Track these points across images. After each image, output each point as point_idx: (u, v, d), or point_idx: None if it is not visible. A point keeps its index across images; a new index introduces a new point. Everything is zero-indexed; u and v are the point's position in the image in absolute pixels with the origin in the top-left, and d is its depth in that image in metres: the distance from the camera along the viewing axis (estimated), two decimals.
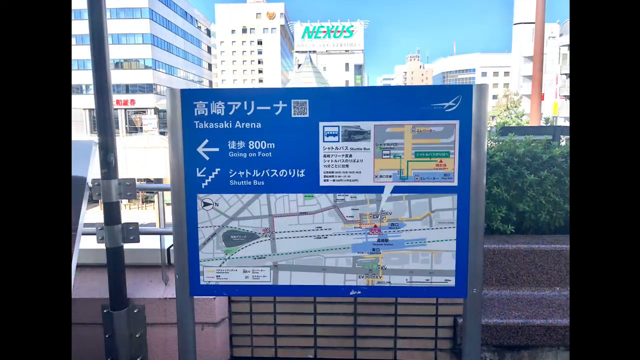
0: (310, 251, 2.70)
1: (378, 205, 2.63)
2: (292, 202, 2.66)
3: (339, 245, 2.68)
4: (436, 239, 2.63)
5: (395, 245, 2.65)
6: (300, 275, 2.73)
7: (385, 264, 2.67)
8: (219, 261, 2.73)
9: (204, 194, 2.67)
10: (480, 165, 2.55)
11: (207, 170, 2.65)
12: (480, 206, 2.58)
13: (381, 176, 2.60)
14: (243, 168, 2.63)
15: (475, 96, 2.52)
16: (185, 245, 2.71)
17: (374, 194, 2.62)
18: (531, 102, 19.97)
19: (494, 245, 4.17)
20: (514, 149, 4.57)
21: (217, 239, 2.71)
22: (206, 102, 2.60)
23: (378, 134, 2.56)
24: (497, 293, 4.16)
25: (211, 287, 2.76)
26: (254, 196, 2.66)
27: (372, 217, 2.64)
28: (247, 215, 2.69)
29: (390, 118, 2.55)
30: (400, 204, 2.62)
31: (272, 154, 2.62)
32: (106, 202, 3.36)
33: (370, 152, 2.58)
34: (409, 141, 2.56)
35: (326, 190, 2.63)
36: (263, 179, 2.64)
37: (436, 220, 2.62)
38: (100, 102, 3.25)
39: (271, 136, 2.60)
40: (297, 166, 2.62)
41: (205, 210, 2.69)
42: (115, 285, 3.51)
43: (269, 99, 2.59)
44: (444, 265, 2.65)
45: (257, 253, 2.72)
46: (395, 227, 2.64)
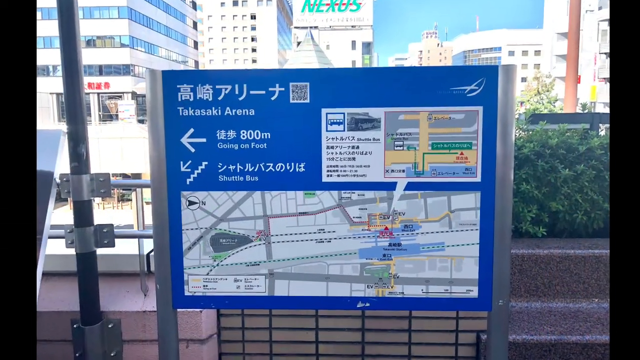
0: (311, 257, 2.70)
1: (389, 205, 2.62)
2: (290, 201, 2.66)
3: (344, 251, 2.67)
4: (456, 243, 2.63)
5: (409, 251, 2.65)
6: (299, 284, 2.73)
7: (398, 272, 2.67)
8: (206, 269, 2.73)
9: (189, 191, 2.67)
10: (507, 159, 2.55)
11: (193, 164, 2.65)
12: (507, 205, 2.58)
13: (393, 171, 2.60)
14: (234, 161, 2.63)
15: (501, 78, 2.51)
16: (167, 251, 2.71)
17: (384, 192, 2.61)
18: (565, 86, 19.92)
19: (522, 251, 4.17)
20: (546, 140, 4.56)
21: (204, 243, 2.71)
22: (191, 86, 2.59)
23: (389, 122, 2.56)
24: (526, 305, 4.16)
25: (197, 299, 2.76)
26: (247, 194, 2.66)
27: (383, 218, 2.64)
28: (238, 215, 2.69)
29: (404, 104, 2.55)
30: (415, 203, 2.62)
31: (267, 145, 2.61)
32: (76, 200, 3.36)
33: (381, 143, 2.58)
34: (425, 130, 2.56)
35: (329, 187, 2.63)
36: (257, 174, 2.64)
37: (456, 222, 2.62)
38: (69, 86, 3.25)
39: (266, 125, 2.60)
40: (296, 159, 2.62)
41: (190, 210, 2.69)
42: (87, 297, 3.51)
43: (263, 82, 2.58)
44: (465, 274, 2.65)
45: (250, 259, 2.72)
46: (409, 230, 2.63)
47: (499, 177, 2.56)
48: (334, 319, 3.86)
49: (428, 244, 2.64)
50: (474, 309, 2.68)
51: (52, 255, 3.76)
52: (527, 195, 4.41)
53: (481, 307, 2.67)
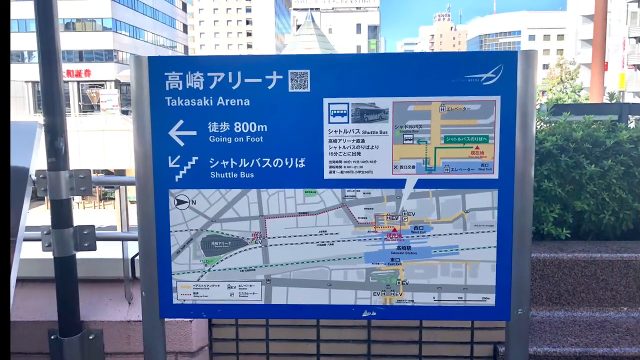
0: (312, 262, 2.70)
1: (398, 204, 2.62)
2: (289, 200, 2.66)
3: (348, 255, 2.67)
4: (471, 246, 2.63)
5: (420, 254, 2.65)
6: (299, 292, 2.73)
7: (407, 278, 2.67)
8: (196, 274, 2.73)
9: (177, 189, 2.67)
10: (527, 153, 2.55)
11: (182, 160, 2.65)
12: (527, 205, 2.58)
13: (402, 167, 2.60)
14: (227, 156, 2.63)
15: (521, 65, 2.51)
16: (154, 255, 2.71)
17: (392, 190, 2.61)
18: (591, 73, 19.95)
19: (544, 254, 4.17)
20: (570, 133, 4.55)
21: (195, 246, 2.71)
22: (180, 74, 2.59)
23: (398, 113, 2.56)
24: (548, 314, 4.16)
25: (187, 307, 2.76)
26: (241, 192, 2.66)
27: (391, 218, 2.64)
28: (232, 216, 2.69)
29: (414, 93, 2.55)
30: (426, 202, 2.62)
31: (263, 139, 2.61)
32: (54, 199, 3.36)
33: (389, 136, 2.58)
34: (437, 122, 2.56)
35: (332, 184, 2.63)
36: (252, 171, 2.64)
37: (471, 223, 2.62)
38: (46, 73, 3.24)
39: (263, 116, 2.60)
40: (296, 154, 2.62)
41: (179, 210, 2.69)
42: (66, 305, 3.51)
43: (259, 70, 2.58)
44: (481, 280, 2.65)
45: (245, 264, 2.72)
46: (419, 232, 2.63)
47: (519, 174, 2.56)
48: (337, 329, 3.86)
49: (440, 247, 2.64)
50: (491, 318, 2.68)
51: (27, 260, 3.76)
52: (549, 193, 4.40)
53: (499, 316, 2.67)
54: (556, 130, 4.65)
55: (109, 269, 3.88)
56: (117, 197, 4.38)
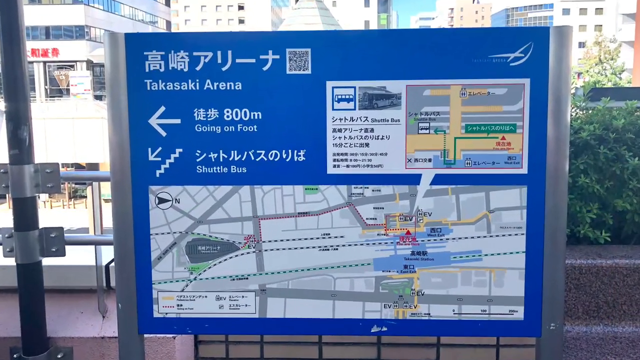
0: (314, 269, 2.70)
1: (412, 203, 2.62)
2: (287, 198, 2.66)
3: (355, 261, 2.67)
4: (497, 251, 2.63)
5: (437, 261, 2.65)
6: (298, 304, 2.73)
7: (423, 288, 2.67)
8: (180, 284, 2.73)
9: (158, 185, 2.66)
10: (561, 145, 2.54)
11: (164, 152, 2.64)
12: (561, 204, 2.58)
13: (417, 160, 2.59)
14: (216, 148, 2.63)
15: (553, 43, 2.50)
16: (131, 261, 2.70)
17: (405, 186, 2.61)
18: (635, 52, 19.89)
19: (580, 261, 4.16)
20: (610, 121, 4.53)
21: (179, 251, 2.71)
22: (162, 53, 2.59)
23: (412, 98, 2.55)
24: (584, 330, 4.15)
25: (169, 322, 2.76)
26: (232, 189, 2.66)
27: (404, 219, 2.64)
28: (222, 216, 2.69)
29: (431, 76, 2.55)
30: (445, 201, 2.62)
31: (258, 128, 2.61)
32: (17, 197, 3.35)
33: (402, 125, 2.57)
34: (458, 109, 2.55)
35: (337, 180, 2.63)
36: (245, 164, 2.64)
37: (496, 225, 2.61)
38: (8, 53, 3.24)
39: (257, 102, 2.60)
40: (295, 146, 2.62)
41: (160, 210, 2.69)
42: (31, 319, 3.51)
43: (253, 48, 2.58)
44: (508, 290, 2.64)
45: (236, 272, 2.72)
46: (436, 234, 2.63)
47: (551, 168, 2.55)
48: (342, 347, 3.86)
49: (461, 253, 2.64)
50: (519, 334, 2.68)
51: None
52: (586, 190, 4.38)
53: (528, 332, 2.67)
54: (594, 118, 4.61)
55: (80, 277, 3.87)
56: (90, 195, 4.38)
